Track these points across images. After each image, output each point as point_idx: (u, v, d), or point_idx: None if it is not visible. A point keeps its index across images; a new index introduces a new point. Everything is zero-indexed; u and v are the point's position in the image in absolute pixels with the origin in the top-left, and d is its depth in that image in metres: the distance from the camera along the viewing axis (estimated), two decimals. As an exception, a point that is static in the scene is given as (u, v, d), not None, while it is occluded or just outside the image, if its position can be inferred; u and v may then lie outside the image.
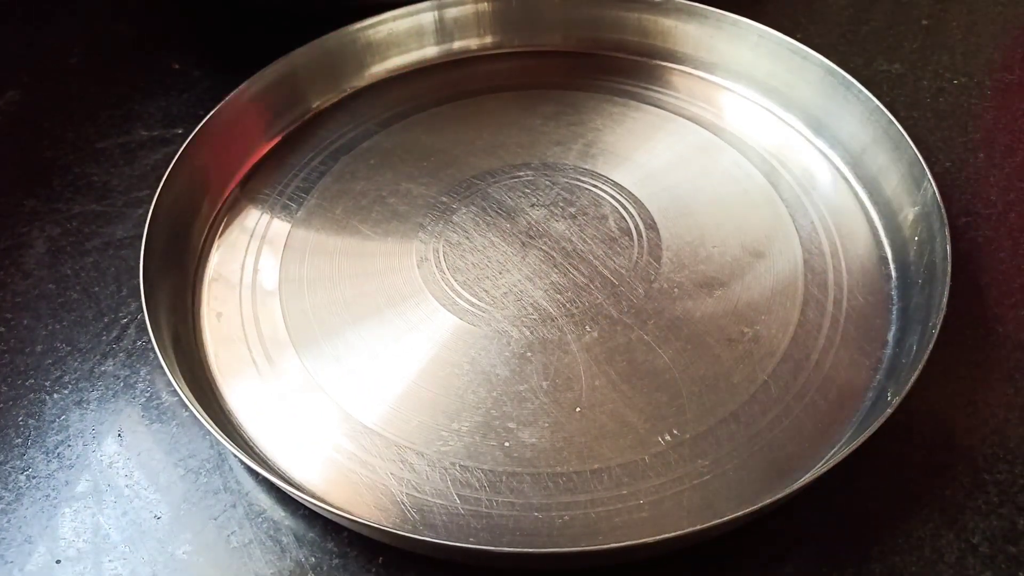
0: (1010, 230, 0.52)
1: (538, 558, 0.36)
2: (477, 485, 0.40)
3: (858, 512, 0.40)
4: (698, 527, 0.34)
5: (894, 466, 0.41)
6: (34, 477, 0.42)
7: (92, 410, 0.45)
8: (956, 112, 0.60)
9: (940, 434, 0.42)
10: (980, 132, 0.58)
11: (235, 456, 0.38)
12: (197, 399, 0.41)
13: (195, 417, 0.40)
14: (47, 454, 0.43)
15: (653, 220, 0.52)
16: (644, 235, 0.51)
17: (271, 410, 0.44)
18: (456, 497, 0.40)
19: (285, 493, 0.39)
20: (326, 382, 0.45)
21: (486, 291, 0.48)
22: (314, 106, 0.60)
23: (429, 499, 0.40)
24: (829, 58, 0.55)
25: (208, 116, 0.53)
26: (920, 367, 0.38)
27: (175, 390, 0.41)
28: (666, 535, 0.35)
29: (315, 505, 0.37)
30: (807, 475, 0.35)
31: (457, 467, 0.40)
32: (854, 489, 0.40)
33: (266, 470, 0.37)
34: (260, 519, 0.40)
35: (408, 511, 0.39)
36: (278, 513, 0.41)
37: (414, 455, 0.41)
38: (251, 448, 0.42)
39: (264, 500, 0.41)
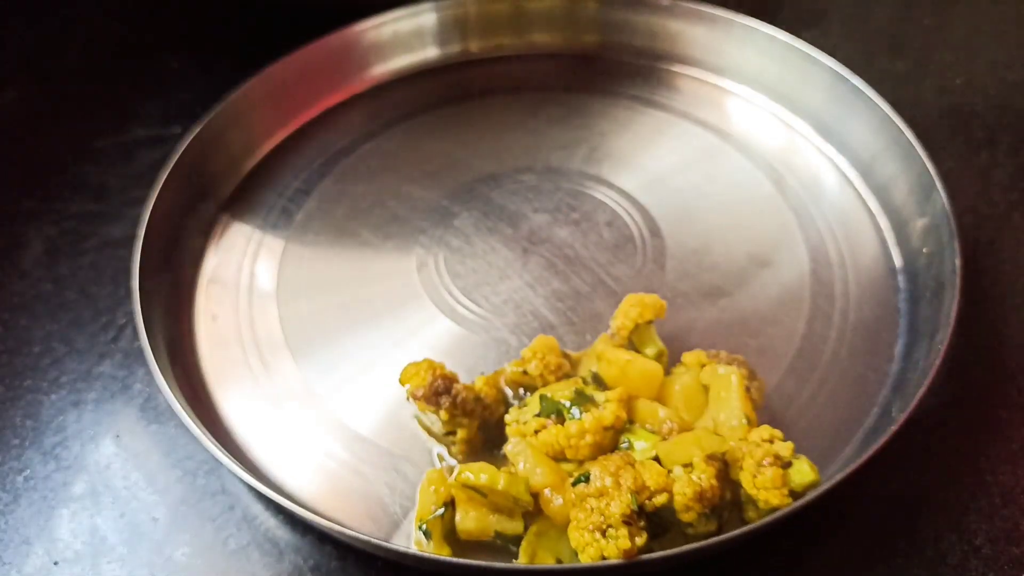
0: (1013, 229, 0.54)
1: (536, 574, 0.38)
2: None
3: (861, 514, 0.42)
4: (707, 542, 0.36)
5: (897, 467, 0.43)
6: (31, 478, 0.45)
7: (89, 411, 0.48)
8: (959, 111, 0.62)
9: (942, 435, 0.45)
10: (983, 132, 0.61)
11: (228, 469, 0.40)
12: (191, 405, 0.44)
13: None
14: (44, 455, 0.46)
15: (657, 227, 0.54)
16: (648, 242, 0.54)
17: (265, 416, 0.46)
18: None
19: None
20: (321, 388, 0.47)
21: (486, 298, 0.51)
22: (316, 107, 0.63)
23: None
24: (832, 57, 0.57)
25: (208, 116, 0.56)
26: (926, 384, 0.41)
27: (170, 395, 0.43)
28: (674, 551, 0.36)
29: (305, 517, 0.39)
30: (811, 491, 0.38)
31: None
32: (857, 491, 0.42)
33: (258, 480, 0.39)
34: (258, 521, 0.43)
35: (401, 521, 0.41)
36: (276, 516, 0.43)
37: (408, 465, 0.43)
38: (243, 456, 0.44)
39: (262, 503, 0.43)
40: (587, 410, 0.39)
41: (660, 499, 0.36)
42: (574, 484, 0.37)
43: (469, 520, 0.38)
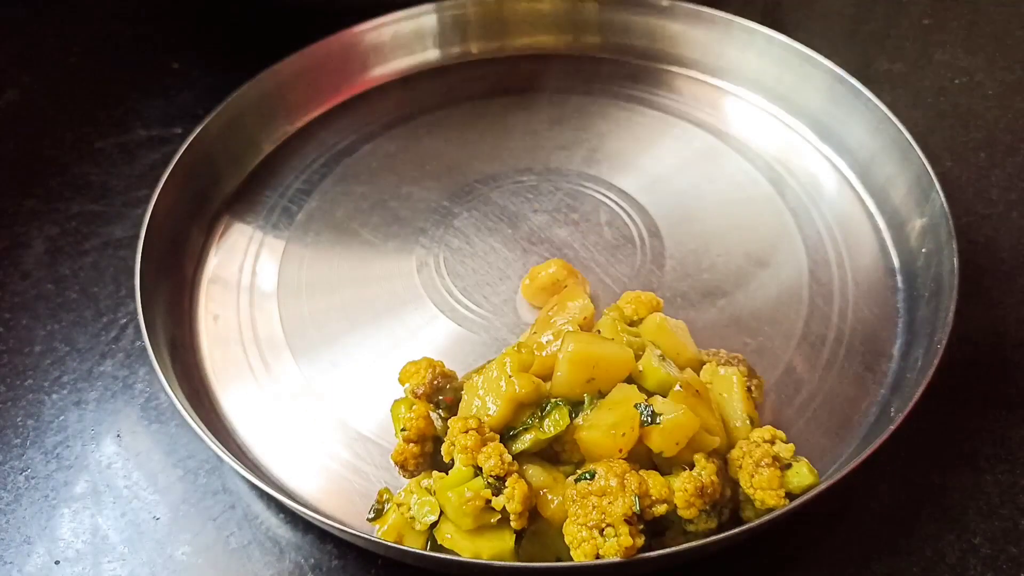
0: (1011, 230, 0.54)
1: (536, 572, 0.37)
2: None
3: (860, 512, 0.42)
4: (705, 540, 0.37)
5: (896, 467, 0.43)
6: (33, 478, 0.45)
7: (91, 411, 0.48)
8: (957, 111, 0.62)
9: (941, 434, 0.45)
10: (981, 132, 0.61)
11: (230, 467, 0.41)
12: (192, 404, 0.44)
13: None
14: (46, 455, 0.46)
15: (656, 227, 0.55)
16: (647, 242, 0.54)
17: (266, 415, 0.46)
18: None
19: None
20: (322, 388, 0.47)
21: (486, 298, 0.51)
22: (317, 108, 0.63)
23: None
24: (830, 58, 0.57)
25: (209, 116, 0.56)
26: (924, 384, 0.41)
27: (172, 394, 0.43)
28: (672, 549, 0.37)
29: (307, 515, 0.40)
30: (808, 492, 0.38)
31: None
32: (856, 490, 0.42)
33: (259, 479, 0.40)
34: (259, 520, 0.43)
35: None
36: (277, 515, 0.43)
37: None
38: (245, 455, 0.44)
39: (263, 502, 0.44)
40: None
41: (660, 509, 0.36)
42: (577, 480, 0.37)
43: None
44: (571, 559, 0.36)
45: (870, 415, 0.45)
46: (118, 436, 0.46)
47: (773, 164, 0.58)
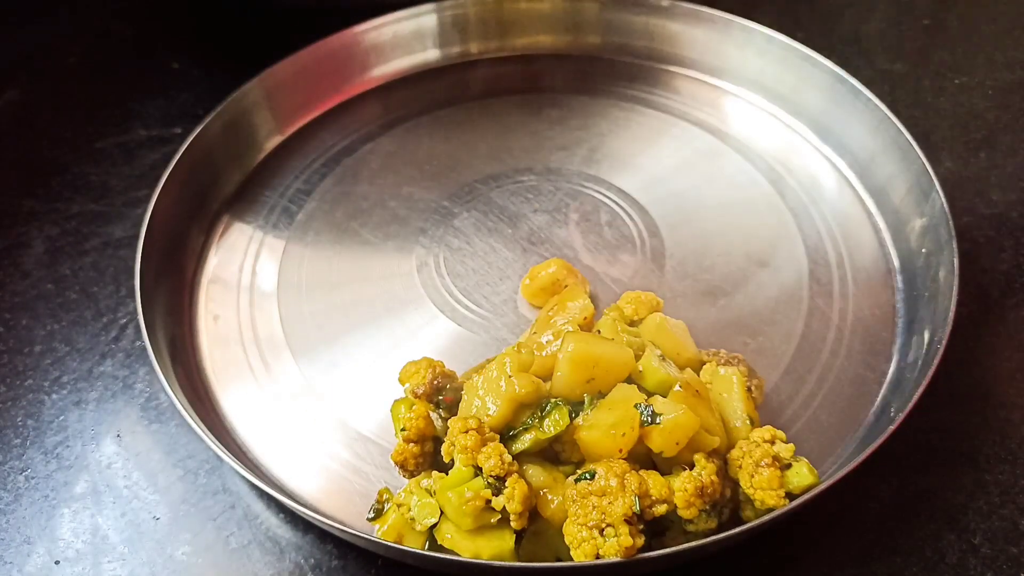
0: (1011, 230, 0.54)
1: (536, 572, 0.37)
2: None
3: (859, 512, 0.42)
4: (704, 540, 0.37)
5: (896, 467, 0.44)
6: (33, 478, 0.45)
7: (91, 411, 0.48)
8: (957, 112, 0.63)
9: (941, 434, 0.45)
10: (981, 132, 0.61)
11: (230, 467, 0.41)
12: (192, 404, 0.44)
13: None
14: (46, 455, 0.46)
15: (656, 227, 0.55)
16: (647, 242, 0.54)
17: (266, 416, 0.46)
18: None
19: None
20: (322, 388, 0.47)
21: (486, 298, 0.51)
22: (316, 108, 0.63)
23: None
24: (830, 58, 0.57)
25: (209, 116, 0.56)
26: (924, 384, 0.41)
27: (172, 394, 0.43)
28: (672, 549, 0.37)
29: (307, 515, 0.40)
30: (809, 492, 0.38)
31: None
32: (856, 490, 0.42)
33: (259, 478, 0.40)
34: (259, 520, 0.43)
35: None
36: (277, 515, 0.43)
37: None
38: (245, 455, 0.44)
39: (263, 501, 0.44)
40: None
41: (660, 509, 0.36)
42: (577, 480, 0.37)
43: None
44: (571, 559, 0.36)
45: (870, 415, 0.45)
46: (118, 436, 0.46)
47: (773, 164, 0.58)
